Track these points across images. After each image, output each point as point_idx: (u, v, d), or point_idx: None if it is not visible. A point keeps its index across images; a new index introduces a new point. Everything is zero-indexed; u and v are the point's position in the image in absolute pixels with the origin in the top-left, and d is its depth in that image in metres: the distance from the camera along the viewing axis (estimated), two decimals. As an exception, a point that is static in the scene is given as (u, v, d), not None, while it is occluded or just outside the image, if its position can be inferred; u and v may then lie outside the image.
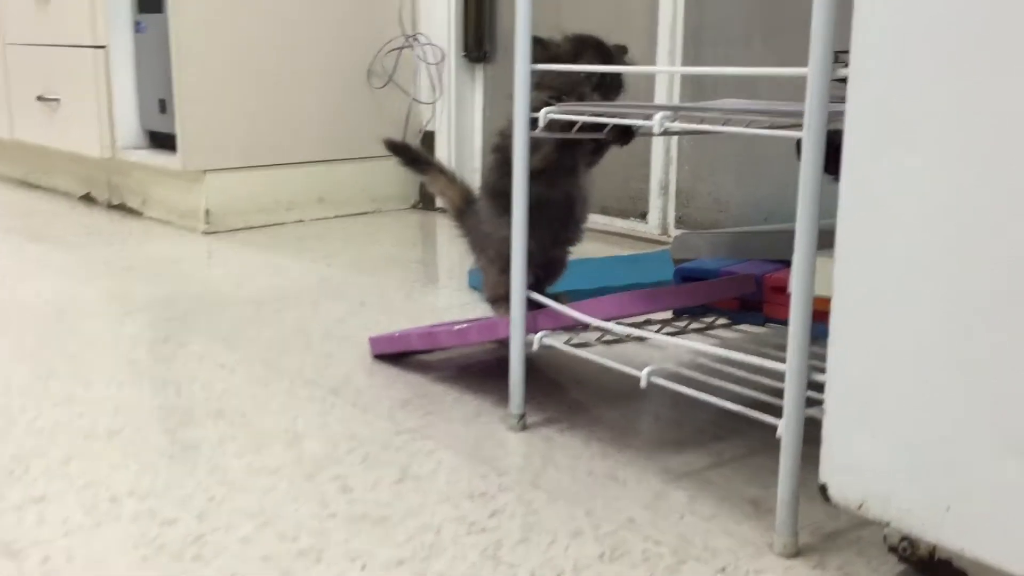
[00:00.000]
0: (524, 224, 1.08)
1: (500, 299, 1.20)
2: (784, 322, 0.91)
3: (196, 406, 1.17)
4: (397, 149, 1.39)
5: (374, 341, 1.36)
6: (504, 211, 1.11)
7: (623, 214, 2.29)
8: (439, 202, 2.61)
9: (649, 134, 1.07)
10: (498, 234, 1.18)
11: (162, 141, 2.39)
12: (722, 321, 1.23)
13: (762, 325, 1.17)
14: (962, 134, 0.62)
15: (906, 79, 0.64)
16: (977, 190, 0.62)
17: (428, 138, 2.62)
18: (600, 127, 1.04)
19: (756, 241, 1.27)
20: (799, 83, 0.76)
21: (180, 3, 2.17)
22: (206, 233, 2.27)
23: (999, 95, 0.60)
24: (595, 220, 2.32)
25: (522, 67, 1.05)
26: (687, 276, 1.24)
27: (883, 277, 0.67)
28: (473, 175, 2.61)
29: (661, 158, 2.18)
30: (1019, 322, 0.61)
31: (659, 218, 2.21)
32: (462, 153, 2.59)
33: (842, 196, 0.68)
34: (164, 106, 2.31)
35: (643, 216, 2.25)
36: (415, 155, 1.43)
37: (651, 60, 2.16)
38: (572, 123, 1.04)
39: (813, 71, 0.75)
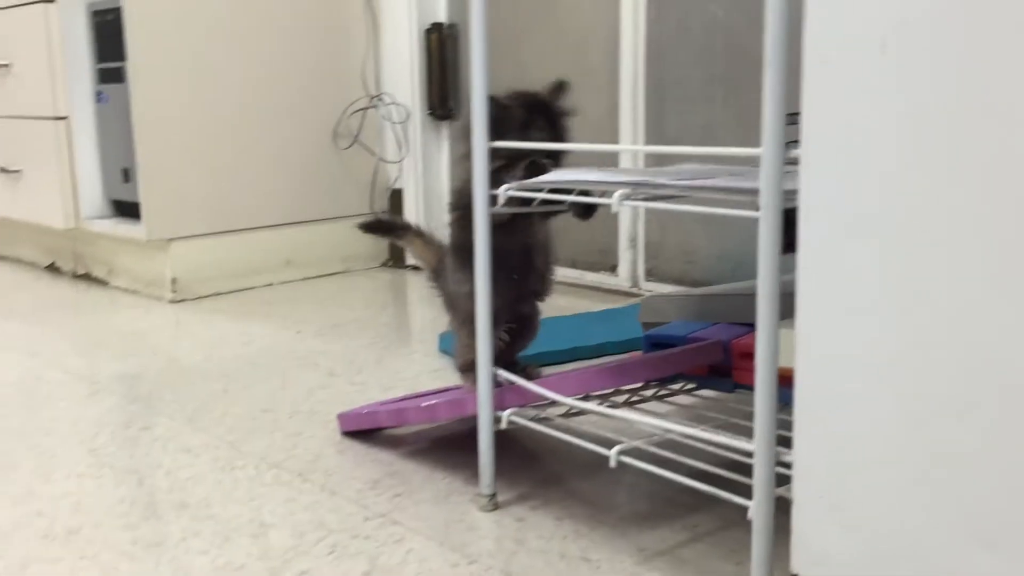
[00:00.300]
0: (487, 302, 1.07)
1: (469, 368, 1.18)
2: (753, 388, 0.91)
3: (159, 498, 1.14)
4: (371, 228, 1.39)
5: (342, 418, 1.34)
6: (464, 265, 1.13)
7: (593, 267, 2.28)
8: (410, 259, 2.60)
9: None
10: (461, 290, 1.18)
11: (127, 210, 2.37)
12: (692, 386, 1.22)
13: (731, 391, 1.16)
14: (915, 227, 0.62)
15: (858, 172, 0.64)
16: (933, 283, 0.61)
17: (396, 196, 2.62)
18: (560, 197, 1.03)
19: (724, 304, 1.27)
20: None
21: (141, 73, 2.16)
22: (173, 302, 2.24)
23: (950, 190, 0.60)
24: (565, 274, 2.32)
25: (480, 144, 1.05)
26: (656, 343, 1.23)
27: (845, 369, 0.66)
28: (443, 231, 2.61)
29: (629, 211, 2.18)
30: (981, 414, 0.60)
31: (629, 270, 2.21)
32: (431, 210, 2.59)
33: (799, 288, 0.68)
34: (128, 175, 2.30)
35: (613, 269, 2.25)
36: (389, 225, 1.42)
37: (614, 115, 2.17)
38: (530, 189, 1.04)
39: (767, 154, 0.75)
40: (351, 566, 0.97)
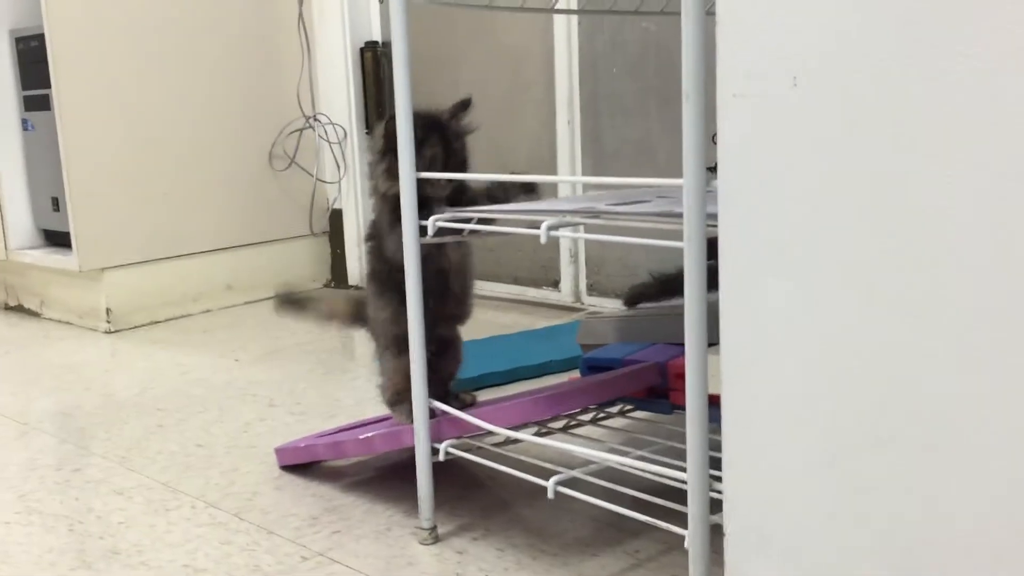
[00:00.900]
0: (420, 332, 1.05)
1: (397, 401, 1.17)
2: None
3: (90, 545, 1.11)
4: (283, 303, 1.42)
5: (280, 452, 1.31)
6: (381, 292, 1.17)
7: (535, 283, 2.28)
8: (352, 279, 2.58)
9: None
10: (380, 316, 1.18)
11: (58, 239, 2.32)
12: (630, 408, 1.21)
13: (669, 413, 1.16)
14: (828, 262, 0.62)
15: (772, 206, 0.64)
16: (846, 318, 0.61)
17: (336, 216, 2.59)
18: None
19: (660, 324, 1.27)
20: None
21: (67, 100, 2.11)
22: (109, 332, 2.20)
23: (861, 224, 0.60)
24: (508, 290, 2.31)
25: (407, 175, 1.03)
26: (593, 366, 1.23)
27: (767, 403, 0.66)
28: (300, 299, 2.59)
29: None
30: (898, 446, 0.60)
31: (571, 286, 2.21)
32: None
33: (722, 321, 0.67)
34: (57, 204, 2.24)
35: (555, 284, 2.25)
36: (297, 302, 1.45)
37: (551, 129, 2.17)
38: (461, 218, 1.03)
39: (688, 185, 0.75)
40: (287, 611, 0.95)
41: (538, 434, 1.13)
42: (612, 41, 2.05)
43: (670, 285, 1.27)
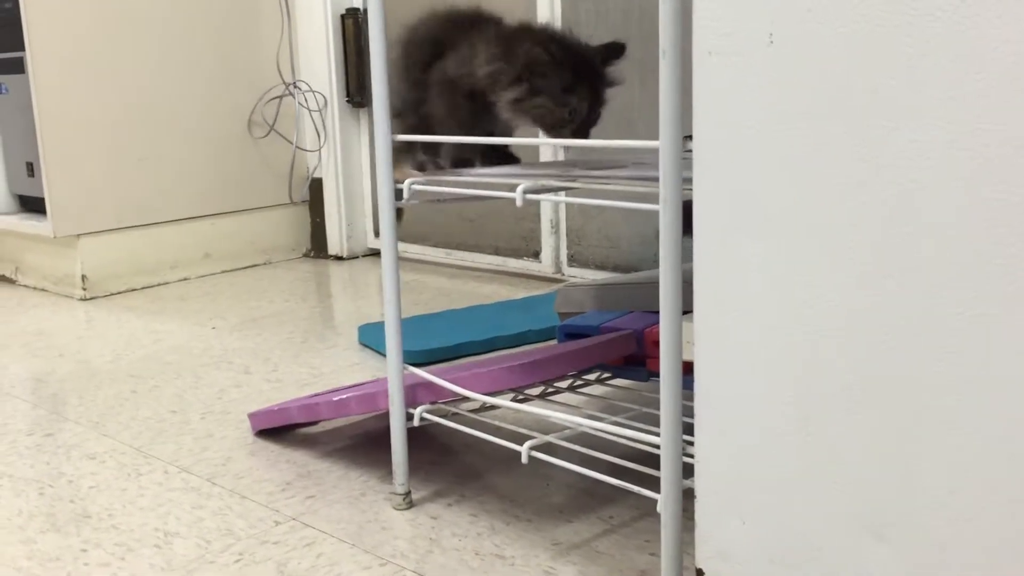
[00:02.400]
0: (396, 297, 1.04)
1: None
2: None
3: (60, 509, 1.10)
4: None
5: (254, 417, 1.30)
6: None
7: (516, 254, 2.27)
8: (332, 249, 2.56)
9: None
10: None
11: (33, 205, 2.29)
12: (607, 375, 1.21)
13: (646, 380, 1.16)
14: (803, 221, 0.61)
15: (747, 165, 0.63)
16: (821, 278, 0.61)
17: (316, 184, 2.57)
18: None
19: (638, 292, 1.26)
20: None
21: (41, 63, 2.08)
22: (84, 299, 2.17)
23: (837, 182, 0.59)
24: (489, 261, 2.30)
25: (383, 138, 1.02)
26: (571, 333, 1.22)
27: (740, 365, 0.66)
28: (364, 219, 2.57)
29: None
30: (870, 408, 0.60)
31: (552, 256, 2.20)
32: (351, 198, 2.55)
33: (696, 282, 0.67)
34: (32, 169, 2.21)
35: (536, 255, 2.24)
36: None
37: (533, 100, 2.15)
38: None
39: (664, 148, 0.74)
40: (258, 573, 0.94)
41: (515, 400, 1.13)
42: (595, 10, 2.04)
43: None
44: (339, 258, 2.56)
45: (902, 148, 0.56)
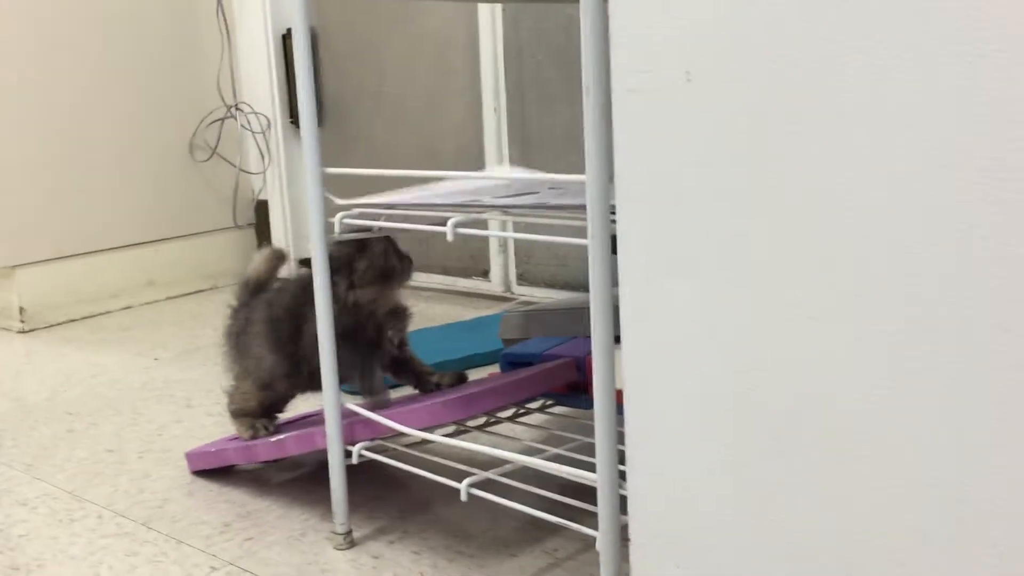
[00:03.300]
0: (331, 339, 1.02)
1: (240, 415, 1.22)
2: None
3: (-14, 562, 1.06)
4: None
5: (191, 457, 1.27)
6: (278, 339, 1.17)
7: (465, 273, 2.26)
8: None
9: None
10: (264, 353, 1.19)
11: (-33, 235, 2.22)
12: (550, 403, 1.20)
13: (589, 408, 1.14)
14: (726, 260, 0.60)
15: (669, 204, 0.62)
16: (748, 319, 0.60)
17: (262, 207, 2.53)
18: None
19: (581, 318, 1.25)
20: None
21: (-29, 91, 2.02)
22: (22, 332, 2.12)
23: (757, 220, 0.58)
24: (439, 280, 2.28)
25: (313, 170, 1.00)
26: (513, 361, 1.21)
27: (669, 407, 0.65)
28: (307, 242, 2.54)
29: (498, 214, 2.16)
30: (802, 451, 0.59)
31: (501, 275, 2.19)
32: (298, 219, 2.51)
33: (623, 319, 0.66)
34: (-35, 199, 2.15)
35: (485, 274, 2.22)
36: None
37: (477, 117, 2.14)
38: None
39: (591, 183, 0.73)
40: (192, 625, 0.92)
41: (455, 433, 1.11)
42: (537, 28, 2.03)
43: None
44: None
45: (824, 184, 0.55)
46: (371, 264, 1.09)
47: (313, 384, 1.09)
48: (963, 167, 0.50)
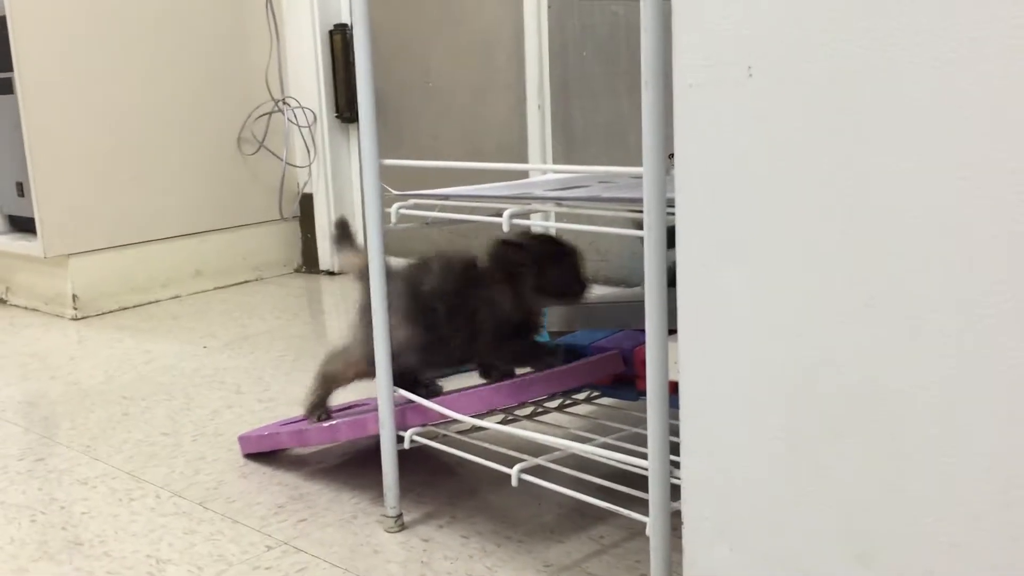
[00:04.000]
0: (384, 312, 1.05)
1: (312, 411, 1.22)
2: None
3: (51, 536, 1.10)
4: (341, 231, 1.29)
5: (243, 441, 1.30)
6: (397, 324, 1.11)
7: (507, 268, 2.27)
8: (323, 264, 2.56)
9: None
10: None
11: (23, 225, 2.29)
12: (596, 394, 1.22)
13: (635, 399, 1.16)
14: (783, 250, 0.62)
15: (728, 196, 0.64)
16: (806, 305, 0.61)
17: (306, 200, 2.57)
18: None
19: (627, 311, 1.27)
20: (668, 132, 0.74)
21: (29, 83, 2.08)
22: (75, 319, 2.17)
23: (816, 213, 0.60)
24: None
25: (370, 161, 1.03)
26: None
27: (726, 390, 0.66)
28: (356, 235, 2.57)
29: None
30: (857, 437, 0.60)
31: (543, 270, 2.20)
32: (342, 212, 2.55)
33: (680, 308, 0.67)
34: (22, 189, 2.21)
35: (527, 269, 2.24)
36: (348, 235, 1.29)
37: (521, 114, 2.16)
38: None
39: (648, 175, 0.74)
40: (250, 601, 0.95)
41: (504, 421, 1.13)
42: (582, 25, 2.04)
43: None
44: (330, 273, 2.57)
45: (884, 178, 0.57)
46: (561, 277, 1.10)
47: (431, 357, 1.12)
48: None
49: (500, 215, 0.91)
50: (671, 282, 0.72)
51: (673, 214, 0.72)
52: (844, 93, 0.57)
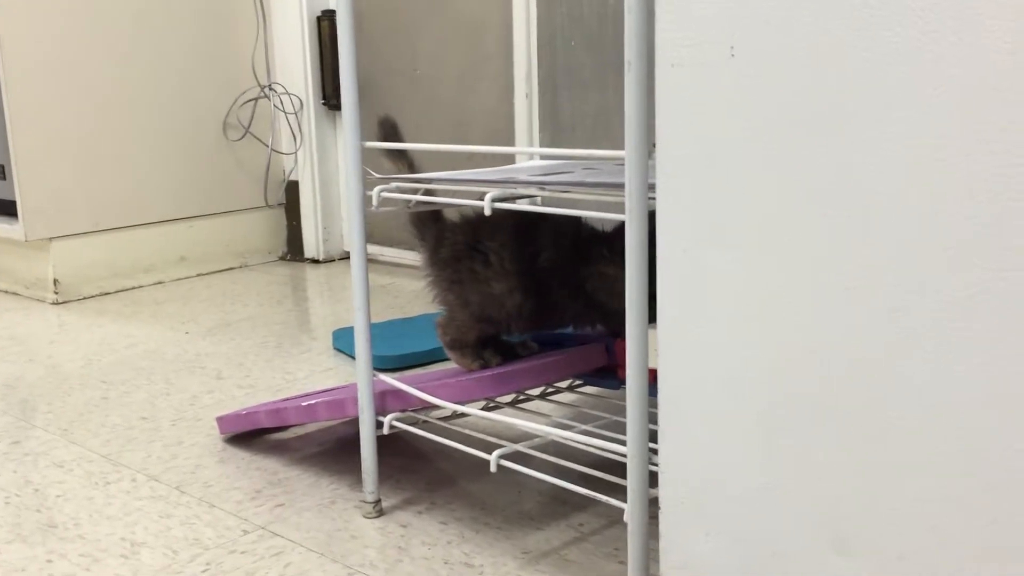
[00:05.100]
0: (365, 305, 1.04)
1: (457, 346, 1.14)
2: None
3: (25, 519, 1.09)
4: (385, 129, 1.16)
5: (221, 421, 1.29)
6: (506, 273, 1.07)
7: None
8: (308, 252, 2.55)
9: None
10: (488, 287, 1.09)
11: (4, 208, 2.26)
12: (578, 383, 1.21)
13: (617, 388, 1.16)
14: (766, 234, 0.61)
15: (711, 178, 0.63)
16: (789, 291, 0.61)
17: (292, 187, 2.56)
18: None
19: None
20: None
21: (12, 64, 2.06)
22: (56, 304, 2.15)
23: (800, 195, 0.59)
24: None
25: (352, 144, 1.02)
26: (543, 341, 1.22)
27: (705, 376, 0.66)
28: (341, 223, 2.56)
29: (526, 200, 2.17)
30: (835, 422, 0.60)
31: (528, 260, 2.20)
32: (328, 201, 2.54)
33: (660, 293, 0.67)
34: (3, 172, 2.19)
35: (512, 259, 2.23)
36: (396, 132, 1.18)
37: (509, 103, 2.15)
38: None
39: (631, 157, 0.74)
40: (225, 584, 0.94)
41: (485, 408, 1.12)
42: (570, 14, 2.04)
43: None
44: (315, 261, 2.55)
45: (866, 160, 0.56)
46: None
47: (539, 321, 1.08)
48: (1011, 146, 0.51)
49: (483, 199, 0.90)
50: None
51: (654, 198, 0.71)
52: (826, 73, 0.57)
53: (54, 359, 1.72)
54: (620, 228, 1.02)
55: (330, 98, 2.46)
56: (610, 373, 1.16)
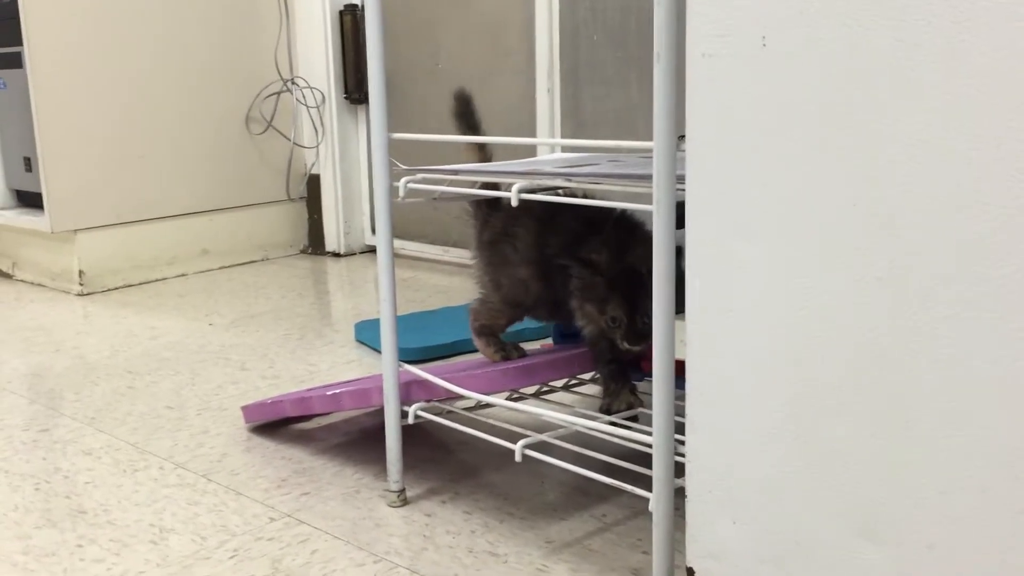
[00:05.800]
0: (391, 295, 1.05)
1: (483, 333, 1.16)
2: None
3: (55, 504, 1.10)
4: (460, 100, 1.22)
5: (247, 410, 1.31)
6: (534, 262, 1.07)
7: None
8: (329, 245, 2.56)
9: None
10: (517, 272, 1.10)
11: (30, 200, 2.29)
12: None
13: (641, 380, 1.16)
14: (798, 224, 0.61)
15: (742, 168, 0.63)
16: (817, 281, 0.61)
17: (314, 181, 2.57)
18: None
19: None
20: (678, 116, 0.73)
21: (39, 58, 2.08)
22: (81, 295, 2.17)
23: (831, 185, 0.60)
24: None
25: (379, 136, 1.02)
26: (566, 334, 1.23)
27: (732, 365, 0.66)
28: (361, 216, 2.58)
29: (547, 195, 2.18)
30: (862, 410, 0.60)
31: (549, 255, 2.20)
32: (349, 194, 2.55)
33: (688, 284, 0.67)
34: (30, 164, 2.21)
35: (533, 253, 2.24)
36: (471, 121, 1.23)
37: (531, 99, 2.15)
38: None
39: (659, 149, 0.74)
40: (253, 570, 0.95)
41: (509, 399, 1.13)
42: (593, 9, 2.04)
43: None
44: (336, 255, 2.57)
45: (897, 150, 0.57)
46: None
47: (559, 310, 1.07)
48: (1038, 132, 0.51)
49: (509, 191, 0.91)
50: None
51: (682, 190, 0.72)
52: (858, 62, 0.57)
53: (80, 349, 1.74)
54: (616, 221, 1.03)
55: (352, 92, 2.47)
56: (634, 364, 1.17)
